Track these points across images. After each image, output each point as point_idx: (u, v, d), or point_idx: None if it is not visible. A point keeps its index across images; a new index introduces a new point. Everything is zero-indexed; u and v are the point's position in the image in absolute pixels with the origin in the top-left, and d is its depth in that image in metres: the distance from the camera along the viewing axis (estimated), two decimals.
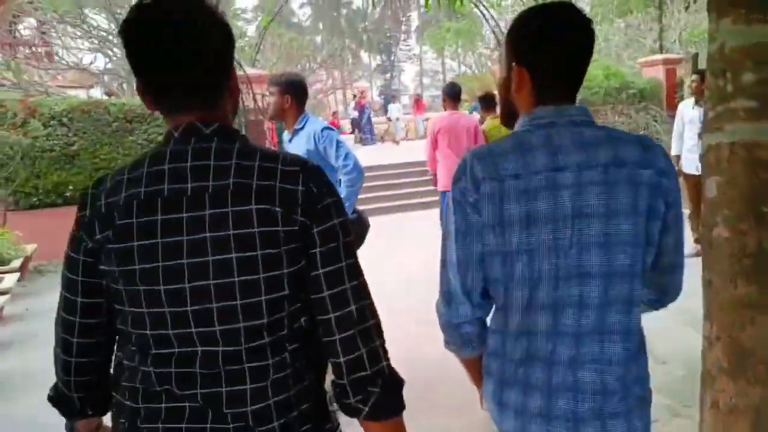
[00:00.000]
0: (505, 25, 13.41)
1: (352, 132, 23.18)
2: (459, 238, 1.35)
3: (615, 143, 1.31)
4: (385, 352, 1.22)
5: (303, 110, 3.94)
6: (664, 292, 1.47)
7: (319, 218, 1.17)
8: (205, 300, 1.12)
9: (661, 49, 15.45)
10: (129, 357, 1.21)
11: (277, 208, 1.13)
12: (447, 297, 1.40)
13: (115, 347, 1.29)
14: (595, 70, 13.41)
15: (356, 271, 1.21)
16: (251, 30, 23.23)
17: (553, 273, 1.30)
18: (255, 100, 10.00)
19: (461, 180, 1.35)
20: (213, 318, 1.13)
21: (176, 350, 1.16)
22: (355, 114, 23.24)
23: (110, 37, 12.31)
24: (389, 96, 28.05)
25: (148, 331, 1.16)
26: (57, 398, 1.35)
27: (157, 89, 1.18)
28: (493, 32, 12.82)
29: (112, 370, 1.29)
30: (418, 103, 25.09)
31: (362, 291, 1.21)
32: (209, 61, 1.16)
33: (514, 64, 1.39)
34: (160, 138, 10.00)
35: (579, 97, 1.46)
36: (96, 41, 12.26)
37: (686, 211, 6.08)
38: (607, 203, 1.28)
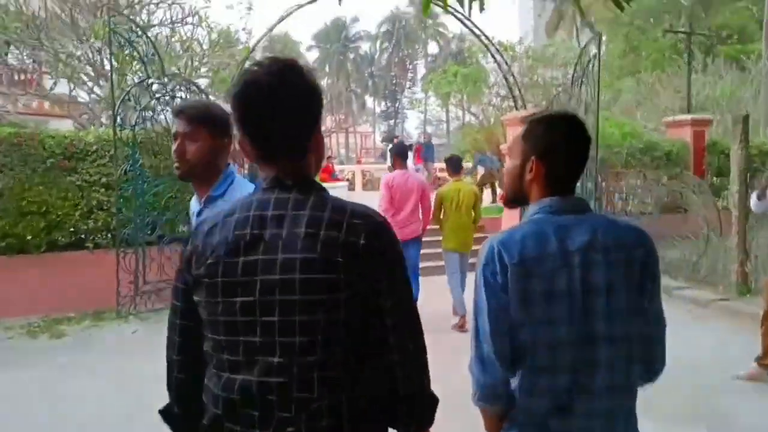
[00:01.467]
0: (519, 72, 11.86)
1: (347, 179, 21.56)
2: (491, 313, 1.59)
3: (614, 228, 1.62)
4: (429, 377, 1.45)
5: (224, 163, 2.31)
6: (651, 363, 1.67)
7: (378, 270, 1.31)
8: (270, 333, 1.28)
9: (688, 109, 13.91)
10: (209, 377, 1.38)
11: (339, 258, 1.26)
12: (481, 362, 1.63)
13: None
14: (609, 128, 11.88)
15: (412, 317, 1.40)
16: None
17: (570, 339, 1.56)
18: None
19: (490, 264, 1.59)
20: (275, 349, 1.28)
21: (242, 377, 1.31)
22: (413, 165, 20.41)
23: (76, 63, 10.70)
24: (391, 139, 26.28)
25: (224, 356, 1.32)
26: (166, 412, 1.51)
27: (256, 145, 1.35)
28: (505, 79, 11.26)
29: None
30: (419, 151, 23.55)
31: (417, 332, 1.41)
32: (303, 122, 1.34)
33: (534, 157, 1.67)
34: (105, 179, 8.20)
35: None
36: (63, 67, 10.65)
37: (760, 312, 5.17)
38: (608, 281, 1.56)
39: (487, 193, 15.51)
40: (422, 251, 6.97)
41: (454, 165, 7.15)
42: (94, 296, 7.57)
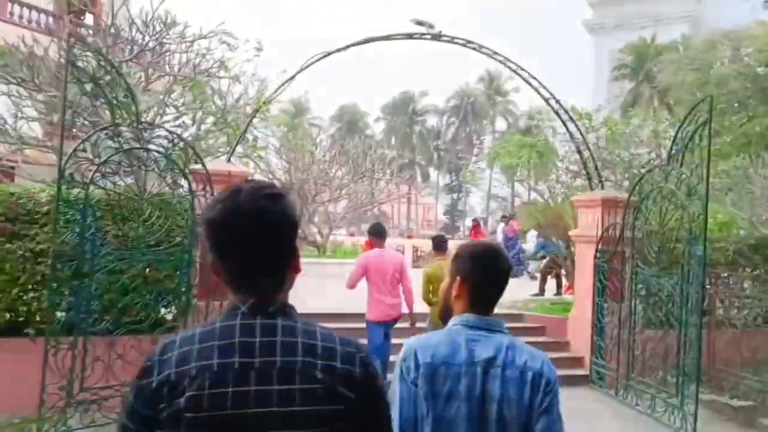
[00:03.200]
0: (595, 145, 9.62)
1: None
2: (403, 403, 1.81)
3: (512, 349, 1.84)
4: None
5: None
6: None
7: (371, 398, 1.31)
8: None
9: None
10: None
11: (341, 388, 1.24)
12: None
13: None
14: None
15: None
16: (324, 139, 20.39)
17: None
18: None
19: (407, 360, 1.83)
20: None
21: None
22: (500, 238, 18.18)
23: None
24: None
25: None
26: None
27: (232, 273, 1.29)
28: (578, 152, 9.06)
29: None
30: (476, 228, 21.26)
31: None
32: (281, 250, 1.30)
33: (458, 278, 1.94)
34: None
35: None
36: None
37: None
38: (502, 392, 1.79)
39: (549, 285, 13.02)
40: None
41: (438, 244, 7.41)
42: (14, 400, 5.64)
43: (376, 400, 1.32)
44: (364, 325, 6.78)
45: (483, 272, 1.91)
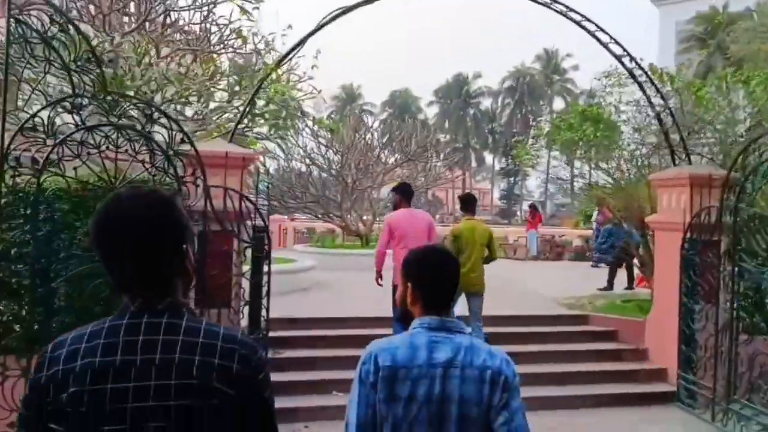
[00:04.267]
0: (679, 107, 7.88)
1: None
2: (361, 406, 1.82)
3: (471, 349, 1.85)
4: None
5: None
6: None
7: (250, 393, 1.32)
8: None
9: None
10: None
11: (215, 384, 1.27)
12: None
13: None
14: None
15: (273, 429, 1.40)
16: (376, 124, 19.02)
17: None
18: (208, 198, 5.25)
19: (366, 363, 1.85)
20: None
21: None
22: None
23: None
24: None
25: None
26: None
27: (118, 275, 1.33)
28: (658, 120, 7.38)
29: None
30: (533, 213, 19.53)
31: None
32: (160, 253, 1.31)
33: (410, 285, 1.96)
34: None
35: None
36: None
37: None
38: (461, 392, 1.80)
39: (619, 278, 11.32)
40: None
41: (466, 203, 7.31)
42: None
43: (255, 395, 1.33)
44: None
45: (431, 275, 1.94)
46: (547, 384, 6.74)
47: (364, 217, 15.32)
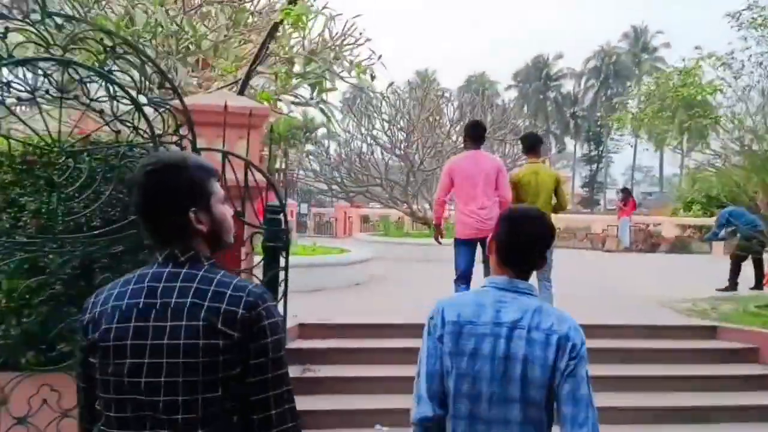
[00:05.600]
0: None
1: None
2: (429, 357, 1.85)
3: (539, 312, 1.81)
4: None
5: None
6: (565, 420, 1.77)
7: (254, 336, 1.41)
8: (156, 393, 1.37)
9: None
10: None
11: (220, 326, 1.38)
12: (417, 398, 1.87)
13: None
14: None
15: (281, 381, 1.46)
16: (451, 112, 17.04)
17: (488, 396, 1.78)
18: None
19: (434, 318, 1.87)
20: (159, 407, 1.37)
21: None
22: None
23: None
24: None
25: (112, 414, 1.41)
26: None
27: (147, 230, 1.50)
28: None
29: None
30: (626, 198, 17.11)
31: (284, 397, 1.47)
32: (162, 216, 1.46)
33: (493, 240, 1.93)
34: None
35: None
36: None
37: None
38: (526, 353, 1.76)
39: (746, 273, 9.08)
40: None
41: (531, 144, 6.26)
42: None
43: (259, 338, 1.41)
44: None
45: (510, 233, 1.90)
46: (676, 422, 4.90)
47: (433, 203, 13.50)
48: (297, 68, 7.14)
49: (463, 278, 5.47)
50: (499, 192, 5.55)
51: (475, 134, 5.77)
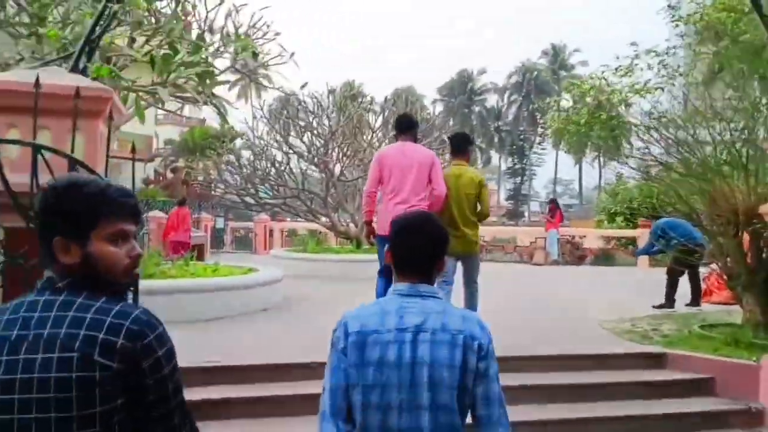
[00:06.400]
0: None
1: None
2: (333, 372, 1.78)
3: (443, 314, 1.79)
4: None
5: None
6: (481, 421, 1.79)
7: (136, 367, 1.30)
8: (27, 431, 1.25)
9: None
10: None
11: (97, 357, 1.27)
12: (322, 415, 1.79)
13: None
14: None
15: (182, 411, 1.41)
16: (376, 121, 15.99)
17: (397, 405, 1.73)
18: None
19: (337, 331, 1.82)
20: None
21: None
22: None
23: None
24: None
25: None
26: None
27: (42, 250, 1.40)
28: None
29: None
30: (553, 210, 16.71)
31: (189, 425, 1.43)
32: (43, 240, 1.37)
33: (389, 252, 1.90)
34: None
35: None
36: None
37: None
38: (432, 356, 1.73)
39: (682, 288, 8.53)
40: None
41: (457, 145, 5.78)
42: None
43: (141, 369, 1.31)
44: None
45: (403, 240, 1.88)
46: None
47: (356, 216, 12.42)
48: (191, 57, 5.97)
49: (386, 272, 5.01)
50: (432, 185, 5.18)
51: (403, 125, 5.44)
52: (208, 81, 5.86)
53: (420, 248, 1.84)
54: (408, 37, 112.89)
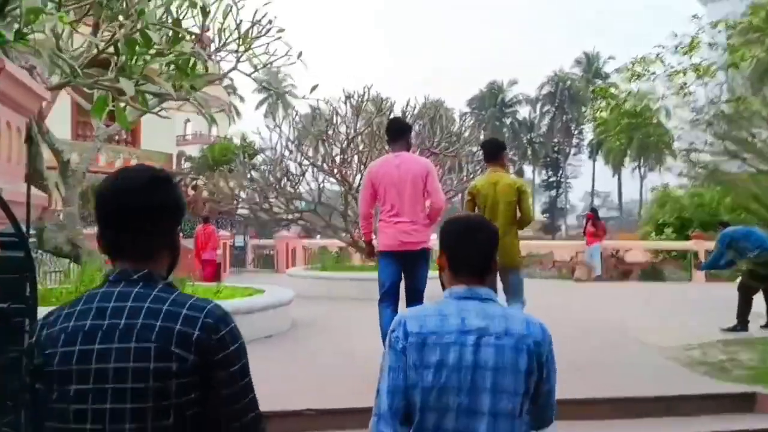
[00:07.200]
0: None
1: None
2: (391, 373, 1.73)
3: (507, 319, 1.75)
4: None
5: None
6: (541, 426, 1.81)
7: (211, 359, 1.30)
8: (101, 421, 1.25)
9: None
10: None
11: (173, 348, 1.27)
12: (378, 417, 1.73)
13: None
14: None
15: (252, 406, 1.38)
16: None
17: (455, 407, 1.68)
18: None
19: (396, 331, 1.76)
20: None
21: None
22: None
23: None
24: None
25: None
26: None
27: (106, 240, 1.39)
28: None
29: None
30: (595, 221, 15.32)
31: (257, 422, 1.39)
32: (144, 226, 1.35)
33: (442, 251, 1.84)
34: None
35: None
36: None
37: None
38: (496, 361, 1.69)
39: (757, 305, 7.21)
40: None
41: (491, 151, 5.51)
42: None
43: (216, 361, 1.31)
44: None
45: (460, 242, 1.85)
46: None
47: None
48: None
49: (388, 296, 4.77)
50: (430, 197, 4.85)
51: (394, 131, 5.05)
52: (190, 76, 4.94)
53: (480, 248, 1.84)
54: (424, 48, 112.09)
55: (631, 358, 5.74)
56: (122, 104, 5.23)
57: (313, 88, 7.95)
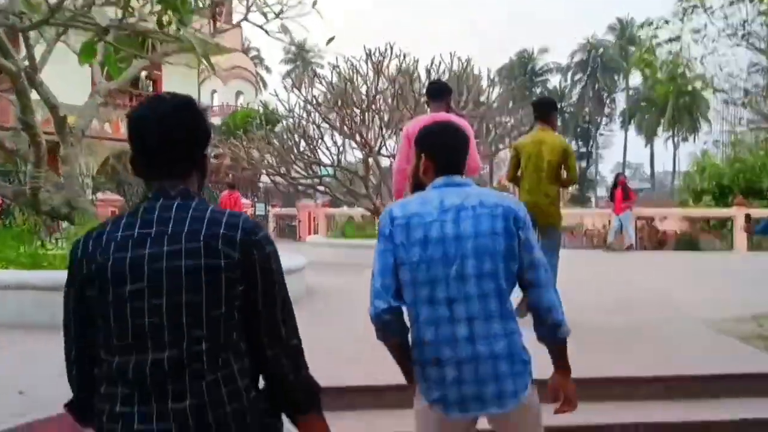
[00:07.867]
0: None
1: None
2: (380, 256, 1.90)
3: (481, 194, 1.94)
4: (304, 363, 1.51)
5: None
6: (531, 284, 1.91)
7: (253, 257, 1.42)
8: (159, 315, 1.36)
9: None
10: (101, 366, 1.44)
11: (220, 247, 1.39)
12: (371, 296, 1.89)
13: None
14: None
15: (284, 306, 1.48)
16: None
17: (444, 276, 1.85)
18: None
19: (383, 219, 1.96)
20: (164, 329, 1.36)
21: (135, 358, 1.38)
22: None
23: None
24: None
25: (115, 342, 1.40)
26: (70, 405, 1.57)
27: (141, 163, 1.50)
28: None
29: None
30: (624, 188, 14.40)
31: (288, 319, 1.49)
32: (176, 149, 1.47)
33: (423, 156, 2.04)
34: None
35: None
36: None
37: None
38: (475, 228, 1.86)
39: None
40: None
41: (542, 109, 5.51)
42: None
43: (257, 260, 1.41)
44: None
45: (443, 141, 2.05)
46: None
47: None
48: None
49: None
50: (469, 159, 4.02)
51: (434, 91, 4.91)
52: (176, 9, 4.37)
53: (458, 146, 2.06)
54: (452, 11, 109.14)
55: (679, 332, 5.12)
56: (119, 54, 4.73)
57: (330, 40, 7.36)
